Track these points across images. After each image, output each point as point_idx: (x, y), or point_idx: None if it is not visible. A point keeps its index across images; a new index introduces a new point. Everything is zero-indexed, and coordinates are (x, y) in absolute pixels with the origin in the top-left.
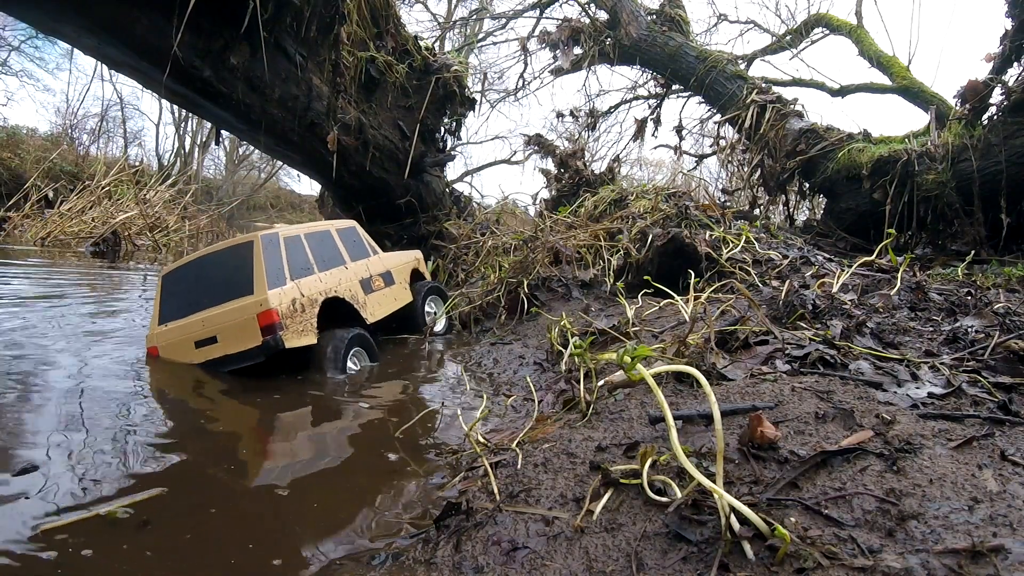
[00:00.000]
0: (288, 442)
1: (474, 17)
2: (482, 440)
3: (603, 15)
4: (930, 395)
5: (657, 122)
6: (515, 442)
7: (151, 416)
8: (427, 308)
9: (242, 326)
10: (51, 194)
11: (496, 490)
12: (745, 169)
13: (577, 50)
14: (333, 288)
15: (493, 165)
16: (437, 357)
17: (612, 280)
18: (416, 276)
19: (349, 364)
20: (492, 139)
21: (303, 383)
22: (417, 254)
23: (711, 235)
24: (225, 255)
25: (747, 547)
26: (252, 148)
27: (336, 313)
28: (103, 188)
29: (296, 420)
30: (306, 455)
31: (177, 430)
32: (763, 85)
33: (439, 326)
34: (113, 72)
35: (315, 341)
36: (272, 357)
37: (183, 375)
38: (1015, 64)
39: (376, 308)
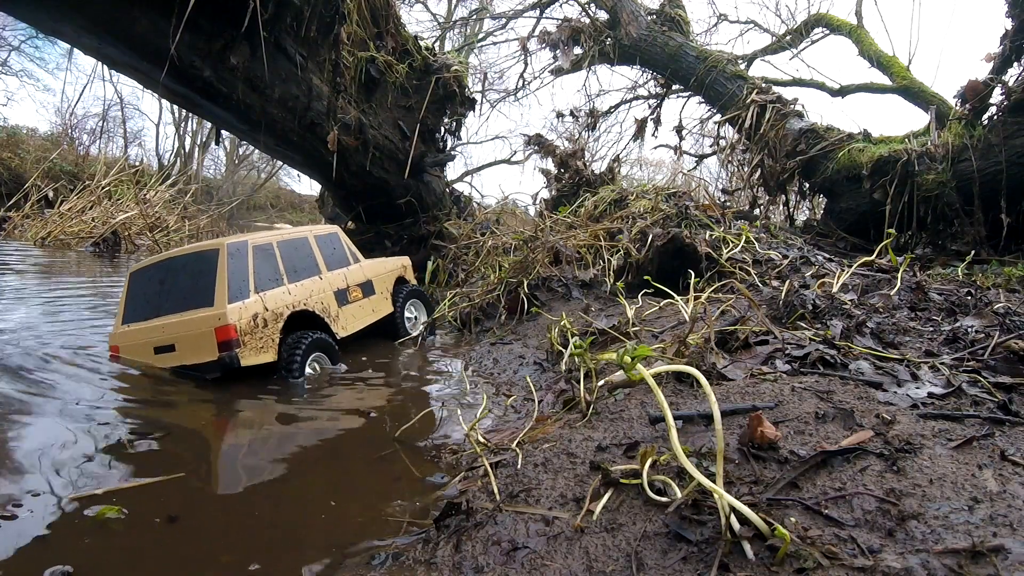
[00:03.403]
0: (288, 442)
1: (474, 17)
2: (482, 440)
3: (603, 15)
4: (930, 395)
5: (657, 122)
6: (515, 442)
7: (152, 415)
8: (407, 314)
9: (200, 338)
10: (51, 194)
11: (496, 490)
12: (745, 169)
13: (577, 50)
14: (303, 300)
15: (493, 165)
16: (437, 357)
17: (612, 280)
18: (402, 284)
19: (308, 369)
20: (492, 139)
21: (303, 383)
22: (404, 261)
23: (711, 235)
24: (191, 260)
25: (747, 547)
26: (252, 148)
27: (305, 327)
28: (103, 188)
29: (296, 420)
30: (306, 455)
31: (176, 430)
32: (763, 85)
33: (417, 331)
34: (113, 72)
35: (275, 359)
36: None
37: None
38: (1015, 64)
39: (350, 321)
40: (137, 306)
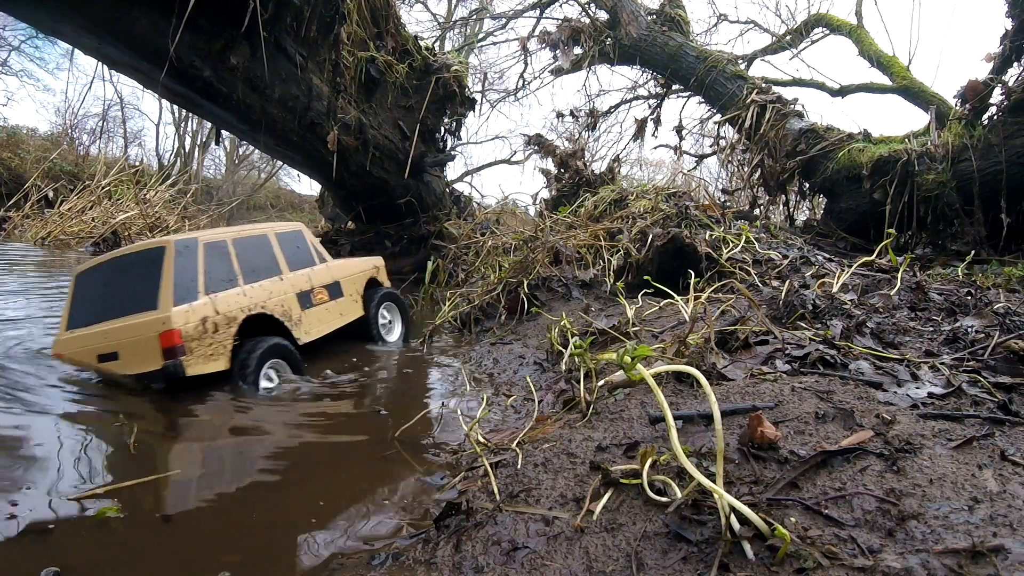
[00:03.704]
0: (288, 442)
1: (474, 17)
2: (482, 440)
3: (603, 15)
4: (930, 395)
5: (657, 122)
6: (515, 442)
7: (146, 413)
8: (380, 320)
9: (143, 345)
10: (51, 194)
11: (496, 490)
12: (745, 169)
13: (577, 50)
14: (260, 303)
15: (493, 165)
16: (436, 357)
17: (612, 280)
18: (374, 286)
19: (263, 382)
20: (492, 139)
21: (304, 382)
22: (377, 261)
23: (711, 235)
24: (136, 259)
25: (747, 547)
26: (252, 148)
27: (264, 332)
28: (103, 188)
29: (296, 420)
30: (306, 455)
31: (174, 429)
32: (763, 85)
33: (393, 336)
34: (113, 72)
35: (227, 367)
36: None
37: None
38: (1015, 64)
39: (314, 325)
40: (82, 310)
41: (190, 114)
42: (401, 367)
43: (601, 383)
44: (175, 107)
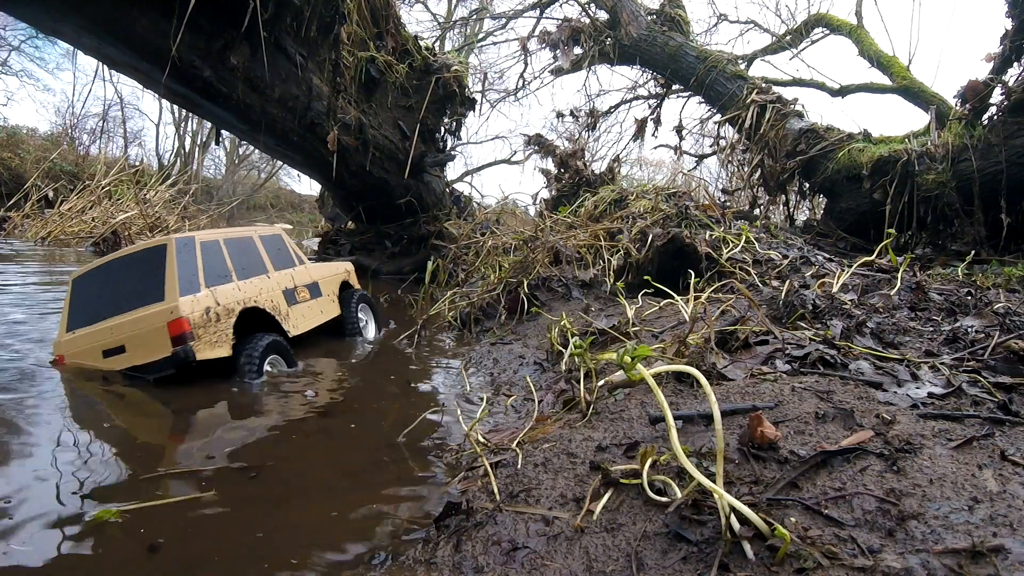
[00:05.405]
0: (287, 442)
1: (474, 17)
2: (482, 440)
3: (603, 15)
4: (930, 395)
5: (657, 122)
6: (515, 442)
7: (145, 411)
8: (357, 317)
9: (151, 335)
10: (51, 194)
11: (496, 490)
12: (745, 169)
13: (577, 50)
14: (252, 297)
15: (493, 165)
16: (437, 357)
17: (612, 280)
18: (346, 288)
19: (265, 371)
20: (492, 139)
21: (305, 383)
22: (348, 266)
23: (711, 235)
24: (137, 259)
25: (747, 547)
26: (252, 148)
27: (256, 325)
28: (103, 188)
29: (296, 421)
30: (306, 455)
31: (174, 429)
32: (763, 85)
33: (369, 333)
34: (113, 72)
35: (230, 353)
36: (182, 369)
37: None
38: (1015, 64)
39: (300, 320)
40: (82, 312)
41: (190, 114)
42: (400, 367)
43: (601, 383)
44: (175, 107)
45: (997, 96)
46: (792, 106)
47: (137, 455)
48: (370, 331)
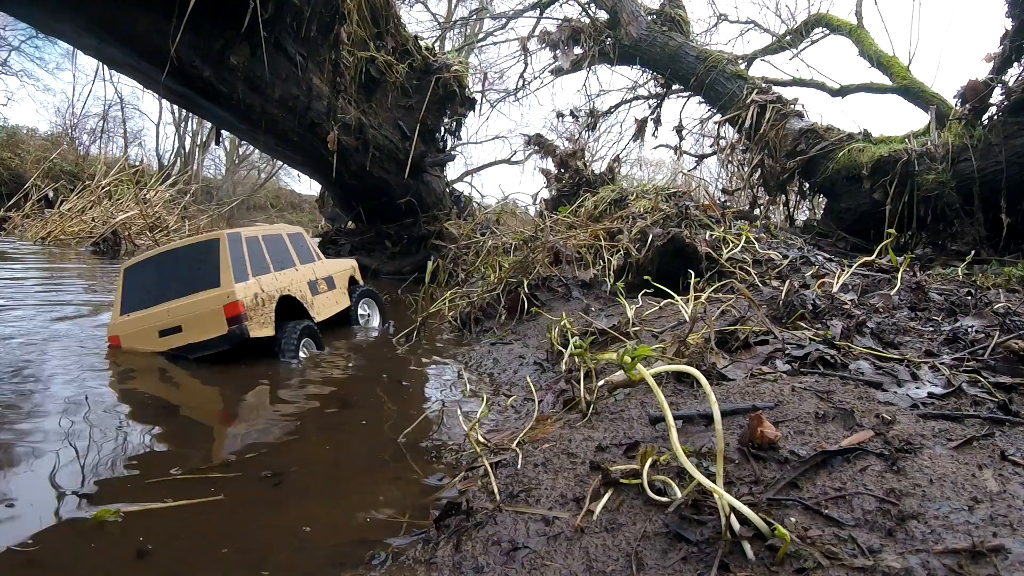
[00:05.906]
0: (287, 442)
1: (474, 17)
2: (482, 440)
3: (603, 15)
4: (930, 395)
5: (657, 122)
6: (515, 442)
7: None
8: (360, 310)
9: (209, 316)
10: (51, 194)
11: (496, 490)
12: (745, 169)
13: (577, 50)
14: (287, 287)
15: (493, 165)
16: (437, 357)
17: (612, 280)
18: (353, 283)
19: (301, 352)
20: (492, 139)
21: (305, 381)
22: (353, 263)
23: (711, 235)
24: (190, 251)
25: (747, 547)
26: (252, 148)
27: (288, 310)
28: (103, 188)
29: (295, 421)
30: (306, 455)
31: (174, 427)
32: (763, 85)
33: (374, 323)
34: (113, 72)
35: (273, 333)
36: (236, 346)
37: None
38: (1015, 64)
39: (322, 308)
40: (135, 297)
41: (190, 114)
42: (400, 367)
43: (601, 383)
44: (175, 107)
45: (997, 96)
46: (792, 106)
47: (140, 455)
48: (374, 322)
